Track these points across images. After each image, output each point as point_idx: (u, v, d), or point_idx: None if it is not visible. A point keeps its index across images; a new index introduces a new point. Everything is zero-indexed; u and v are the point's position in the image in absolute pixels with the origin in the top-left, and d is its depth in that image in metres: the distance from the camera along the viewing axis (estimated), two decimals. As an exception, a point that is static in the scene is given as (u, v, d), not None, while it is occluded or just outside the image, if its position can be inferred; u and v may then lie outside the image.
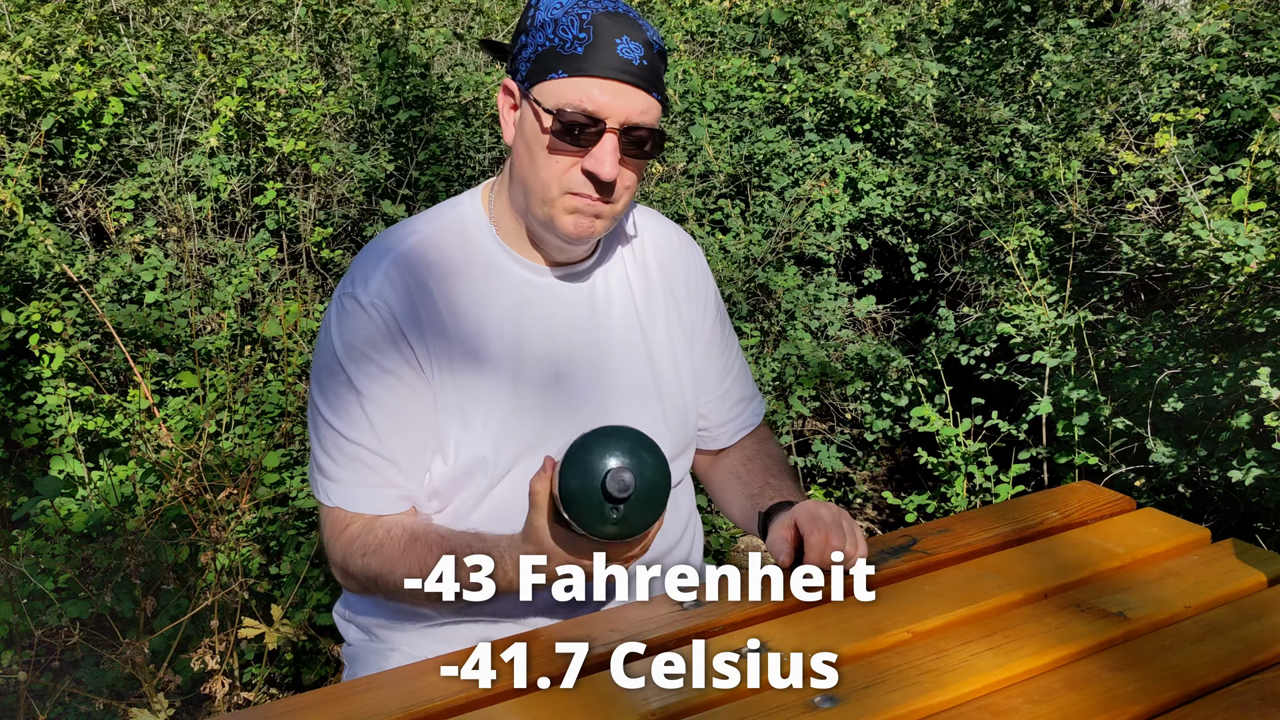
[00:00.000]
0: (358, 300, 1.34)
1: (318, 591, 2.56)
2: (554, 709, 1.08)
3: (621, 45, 1.25)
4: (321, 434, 1.36)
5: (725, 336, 1.62)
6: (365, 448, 1.34)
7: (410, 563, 1.30)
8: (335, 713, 1.08)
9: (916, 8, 5.27)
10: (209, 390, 3.18)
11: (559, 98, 1.26)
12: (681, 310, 1.53)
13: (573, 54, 1.25)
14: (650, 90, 1.28)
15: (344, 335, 1.34)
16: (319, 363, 1.37)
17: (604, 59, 1.25)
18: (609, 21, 1.26)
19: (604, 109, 1.25)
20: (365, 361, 1.33)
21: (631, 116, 1.26)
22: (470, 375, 1.35)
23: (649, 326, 1.48)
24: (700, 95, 4.35)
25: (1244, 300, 2.98)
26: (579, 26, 1.26)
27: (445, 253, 1.38)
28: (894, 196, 4.05)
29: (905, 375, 3.61)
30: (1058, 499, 1.57)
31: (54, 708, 2.22)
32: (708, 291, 1.59)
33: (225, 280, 3.61)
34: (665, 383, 1.48)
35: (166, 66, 4.13)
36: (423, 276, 1.36)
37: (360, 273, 1.36)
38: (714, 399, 1.60)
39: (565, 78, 1.26)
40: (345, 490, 1.35)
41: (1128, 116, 3.95)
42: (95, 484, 2.96)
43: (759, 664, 1.15)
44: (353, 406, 1.33)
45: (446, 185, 4.02)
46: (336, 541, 1.36)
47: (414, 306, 1.34)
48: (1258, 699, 1.09)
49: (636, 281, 1.49)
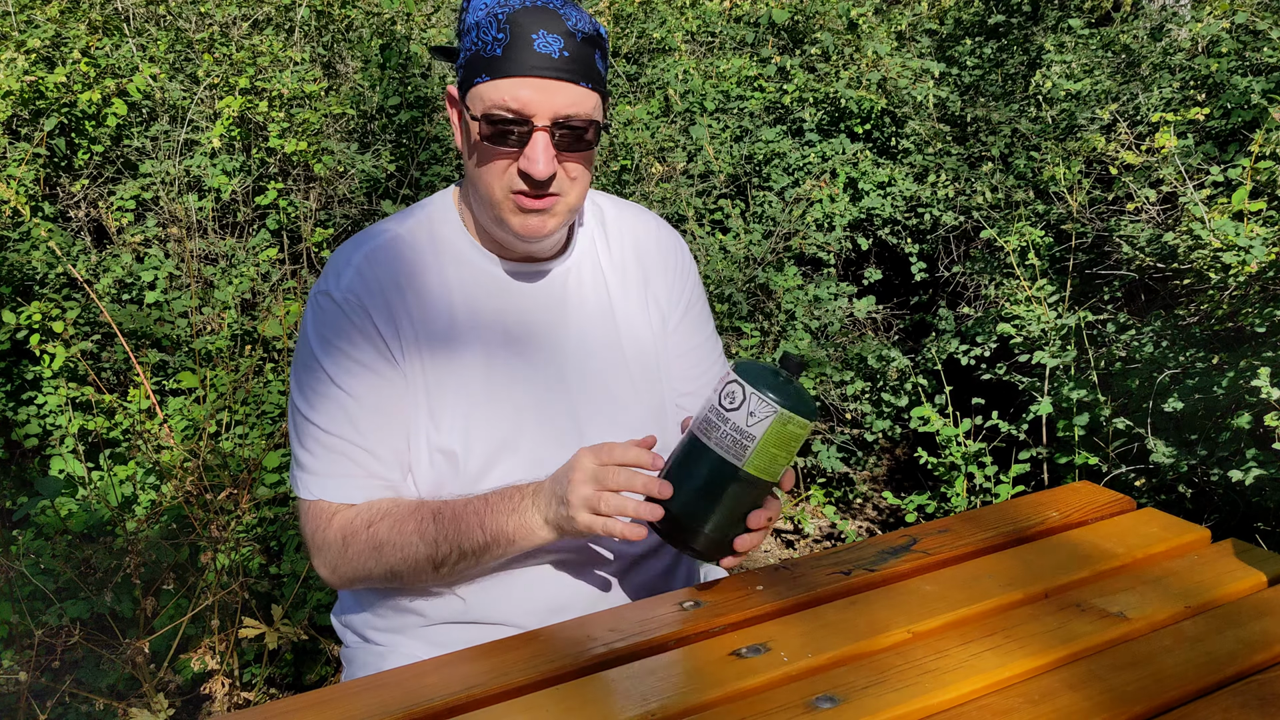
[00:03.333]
0: (331, 296, 1.35)
1: (318, 591, 2.56)
2: (554, 709, 1.07)
3: (539, 40, 1.24)
4: (301, 430, 1.37)
5: (706, 329, 1.61)
6: (345, 439, 1.34)
7: (424, 514, 1.30)
8: (335, 713, 1.08)
9: (917, 7, 5.27)
10: (209, 390, 3.18)
11: (485, 102, 1.27)
12: (660, 301, 1.53)
13: (492, 56, 1.25)
14: (578, 80, 1.26)
15: (319, 331, 1.35)
16: (297, 362, 1.39)
17: (522, 57, 1.24)
18: (525, 18, 1.25)
19: (528, 107, 1.25)
20: (341, 356, 1.34)
21: (560, 110, 1.26)
22: (442, 367, 1.36)
23: (625, 322, 1.48)
24: (700, 95, 4.35)
25: (1244, 300, 2.98)
26: (497, 27, 1.25)
27: (417, 249, 1.40)
28: (894, 196, 4.05)
29: (905, 375, 3.61)
30: (1058, 499, 1.57)
31: (54, 708, 2.22)
32: (686, 282, 1.58)
33: (226, 280, 3.61)
34: (642, 375, 1.48)
35: (170, 67, 4.13)
36: (395, 272, 1.37)
37: (333, 270, 1.38)
38: (690, 394, 1.58)
39: (488, 81, 1.26)
40: (326, 482, 1.36)
41: (1128, 116, 3.95)
42: (95, 484, 2.96)
43: (759, 664, 1.15)
44: (330, 401, 1.35)
45: (447, 185, 4.01)
46: (326, 531, 1.36)
47: (386, 301, 1.35)
48: (1258, 699, 1.09)
49: (612, 276, 1.49)
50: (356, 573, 1.36)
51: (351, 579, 1.38)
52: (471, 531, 1.29)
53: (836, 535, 3.55)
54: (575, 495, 1.23)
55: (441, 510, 1.31)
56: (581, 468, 1.23)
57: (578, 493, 1.23)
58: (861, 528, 3.70)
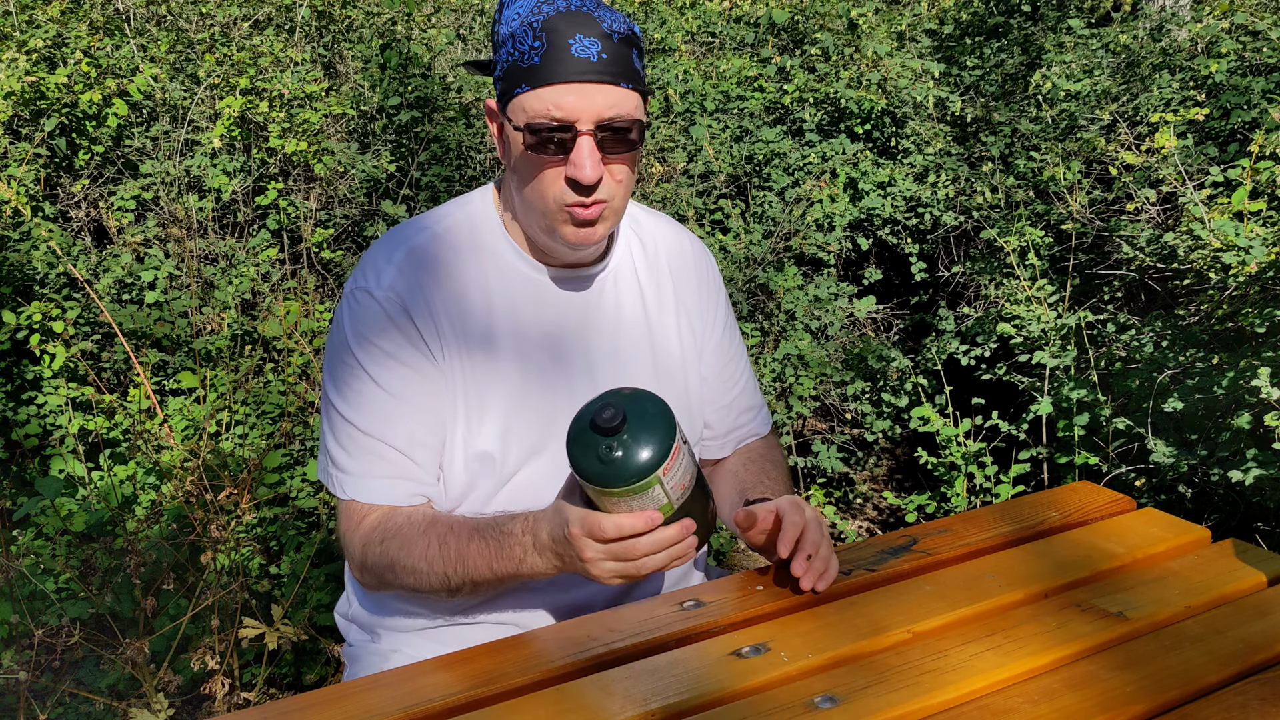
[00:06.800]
0: (370, 293, 1.34)
1: (318, 591, 2.56)
2: (554, 709, 1.07)
3: (576, 44, 1.23)
4: (336, 427, 1.36)
5: (734, 346, 1.61)
6: (379, 439, 1.34)
7: (430, 541, 1.29)
8: (335, 713, 1.08)
9: (917, 8, 5.27)
10: (209, 390, 3.18)
11: (527, 112, 1.25)
12: (692, 318, 1.53)
13: (531, 65, 1.24)
14: (618, 81, 1.25)
15: (357, 328, 1.34)
16: (332, 358, 1.37)
17: (561, 63, 1.23)
18: (561, 23, 1.24)
19: (571, 113, 1.24)
20: (379, 353, 1.33)
21: (602, 113, 1.25)
22: (481, 367, 1.36)
23: (658, 332, 1.48)
24: (700, 95, 4.35)
25: (1244, 300, 2.98)
26: (533, 36, 1.24)
27: (456, 249, 1.39)
28: (894, 196, 4.05)
29: (905, 375, 3.61)
30: (1058, 499, 1.57)
31: (54, 708, 2.22)
32: (719, 300, 1.58)
33: (226, 280, 3.61)
34: (670, 388, 1.48)
35: (171, 67, 4.14)
36: (435, 271, 1.36)
37: (372, 267, 1.37)
38: (720, 408, 1.59)
39: (529, 91, 1.25)
40: (359, 482, 1.35)
41: (1128, 117, 3.95)
42: (95, 484, 2.96)
43: (759, 664, 1.15)
44: (367, 398, 1.34)
45: (448, 185, 4.02)
46: (354, 534, 1.35)
47: (426, 299, 1.34)
48: (1258, 699, 1.09)
49: (648, 286, 1.49)
50: (379, 581, 1.37)
51: (377, 585, 1.39)
52: (480, 573, 1.28)
53: (836, 535, 3.55)
54: (599, 571, 1.18)
55: (446, 541, 1.29)
56: (589, 548, 1.17)
57: (603, 569, 1.17)
58: (861, 528, 3.70)
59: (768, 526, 1.31)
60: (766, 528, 1.31)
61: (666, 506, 1.15)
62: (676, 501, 1.16)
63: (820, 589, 1.29)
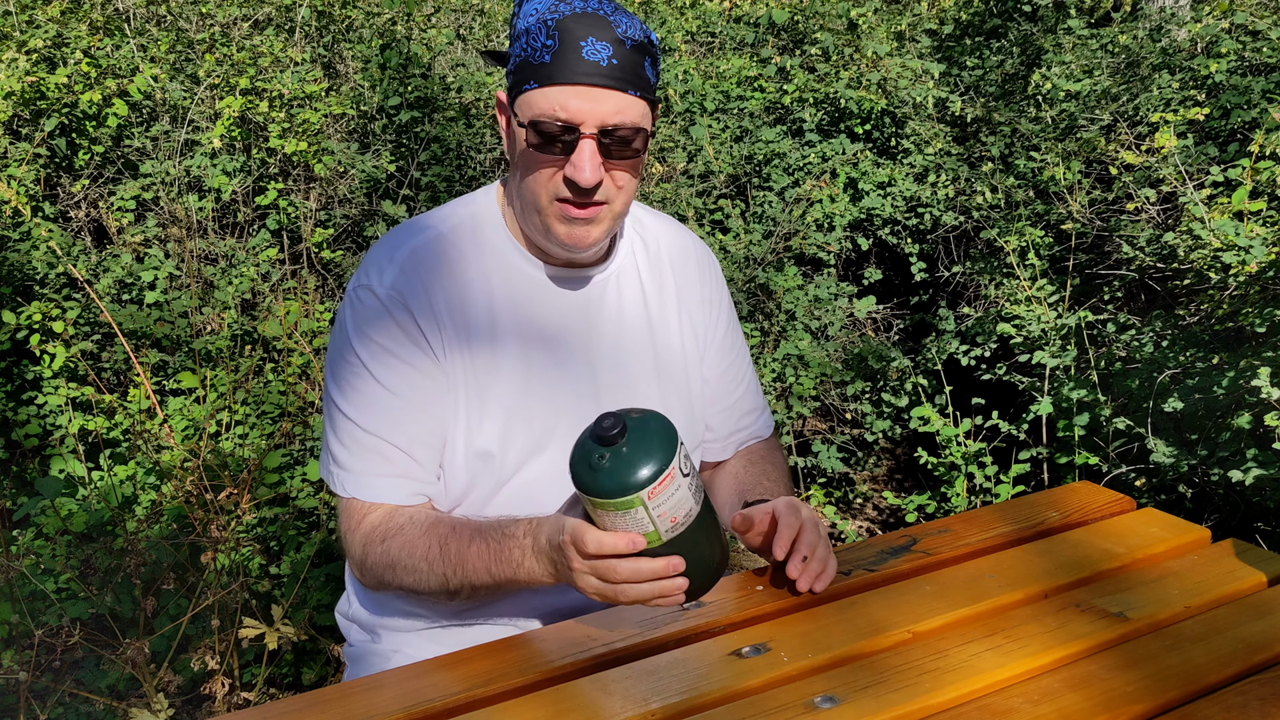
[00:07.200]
0: (374, 292, 1.34)
1: (318, 591, 2.56)
2: (553, 709, 1.07)
3: (587, 47, 1.23)
4: (337, 425, 1.36)
5: (737, 346, 1.61)
6: (381, 438, 1.34)
7: (431, 542, 1.29)
8: (335, 713, 1.08)
9: (917, 8, 5.27)
10: (209, 390, 3.18)
11: (533, 109, 1.26)
12: (695, 318, 1.53)
13: (541, 63, 1.24)
14: (626, 88, 1.25)
15: (359, 326, 1.34)
16: (334, 356, 1.37)
17: (570, 64, 1.23)
18: (575, 24, 1.24)
19: (576, 115, 1.24)
20: (381, 352, 1.33)
21: (607, 119, 1.25)
22: (483, 366, 1.36)
23: (660, 332, 1.48)
24: (700, 95, 4.35)
25: (1244, 300, 2.98)
26: (546, 34, 1.24)
27: (459, 248, 1.39)
28: (894, 197, 4.05)
29: (905, 375, 3.61)
30: (1058, 499, 1.57)
31: (54, 708, 2.22)
32: (721, 300, 1.58)
33: (226, 280, 3.61)
34: (672, 390, 1.48)
35: (170, 67, 4.14)
36: (437, 269, 1.36)
37: (374, 265, 1.37)
38: (723, 410, 1.59)
39: (537, 88, 1.25)
40: (361, 480, 1.35)
41: (1128, 116, 3.95)
42: (95, 484, 2.96)
43: (759, 664, 1.15)
44: (369, 397, 1.34)
45: (448, 185, 4.02)
46: (355, 533, 1.35)
47: (430, 300, 1.34)
48: (1258, 699, 1.09)
49: (650, 286, 1.49)
50: (379, 580, 1.36)
51: (376, 585, 1.38)
52: (479, 575, 1.28)
53: (836, 535, 3.55)
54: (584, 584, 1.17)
55: (448, 542, 1.29)
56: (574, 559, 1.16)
57: (587, 583, 1.17)
58: (861, 528, 3.70)
59: (765, 528, 1.31)
60: (764, 530, 1.31)
61: (653, 535, 1.12)
62: (665, 533, 1.12)
63: (818, 590, 1.29)
